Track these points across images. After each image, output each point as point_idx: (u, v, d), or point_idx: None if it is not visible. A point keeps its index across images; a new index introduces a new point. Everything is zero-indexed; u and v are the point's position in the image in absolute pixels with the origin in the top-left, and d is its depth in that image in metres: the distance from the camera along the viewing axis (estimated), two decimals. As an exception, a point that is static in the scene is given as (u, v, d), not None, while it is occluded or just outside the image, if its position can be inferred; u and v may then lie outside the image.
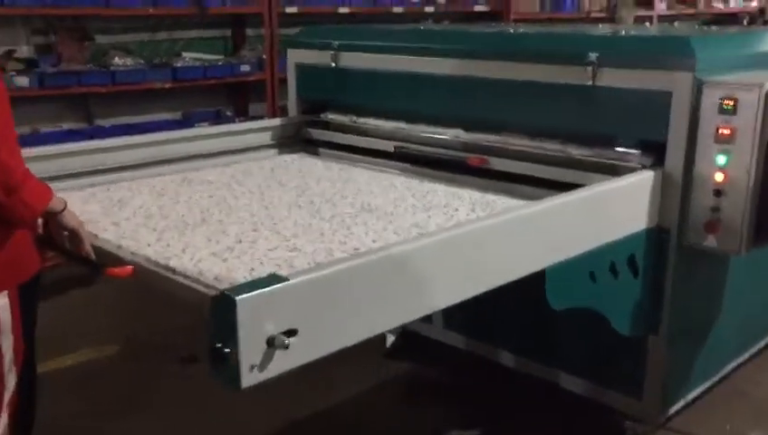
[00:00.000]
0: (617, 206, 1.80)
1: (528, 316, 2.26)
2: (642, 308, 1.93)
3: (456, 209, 1.95)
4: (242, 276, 1.44)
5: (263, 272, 1.46)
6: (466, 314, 2.47)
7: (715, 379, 2.27)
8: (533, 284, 1.63)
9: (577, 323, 2.04)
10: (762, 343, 2.50)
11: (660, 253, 1.93)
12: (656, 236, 1.92)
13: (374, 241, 1.68)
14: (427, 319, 2.57)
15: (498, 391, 2.39)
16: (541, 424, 2.22)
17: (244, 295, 1.07)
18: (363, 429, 2.26)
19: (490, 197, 2.08)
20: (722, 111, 1.79)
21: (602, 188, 1.76)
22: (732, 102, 1.77)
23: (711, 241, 1.86)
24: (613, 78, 1.94)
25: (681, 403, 2.14)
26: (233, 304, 1.06)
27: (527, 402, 2.32)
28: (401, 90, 2.50)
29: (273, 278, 1.13)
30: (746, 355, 2.42)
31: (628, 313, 1.90)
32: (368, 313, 1.25)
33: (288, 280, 1.13)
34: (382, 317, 1.28)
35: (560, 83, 2.05)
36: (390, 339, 2.19)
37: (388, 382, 2.50)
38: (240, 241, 1.68)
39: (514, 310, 2.26)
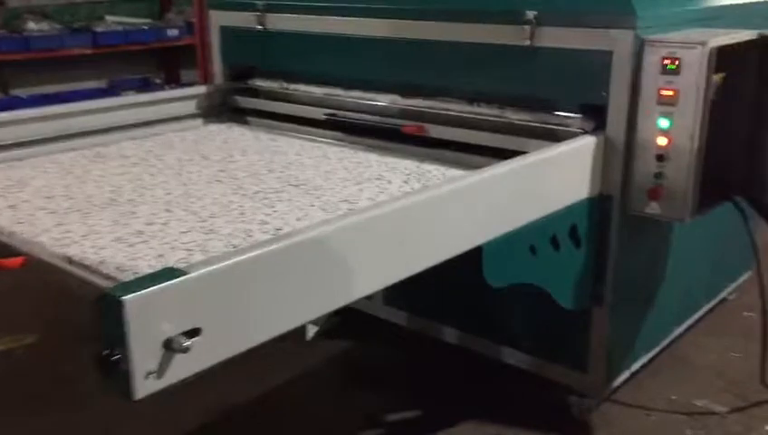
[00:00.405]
0: (558, 174, 1.70)
1: (470, 291, 2.17)
2: (585, 280, 1.85)
3: (390, 182, 1.83)
4: (147, 265, 1.30)
5: (171, 259, 1.33)
6: (407, 290, 2.36)
7: (660, 347, 2.23)
8: (475, 257, 1.53)
9: (520, 297, 1.95)
10: (703, 310, 2.47)
11: (603, 222, 1.84)
12: (598, 205, 1.83)
13: (298, 219, 1.56)
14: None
15: (440, 370, 2.31)
16: (483, 402, 2.15)
17: (133, 295, 0.93)
18: (293, 416, 2.15)
19: (426, 167, 1.96)
20: (664, 71, 1.69)
21: (542, 156, 1.66)
22: (674, 62, 1.68)
23: (654, 208, 1.78)
24: (552, 38, 1.83)
25: (626, 374, 2.08)
26: (119, 304, 0.92)
27: (470, 380, 2.24)
28: (333, 53, 2.35)
29: (169, 273, 0.99)
30: (689, 322, 2.38)
31: (571, 286, 1.82)
32: (283, 304, 1.12)
33: (186, 274, 0.99)
34: (300, 308, 1.16)
35: (497, 44, 1.93)
36: (313, 330, 2.04)
37: (322, 364, 2.39)
38: (151, 223, 1.53)
39: (456, 284, 2.16)
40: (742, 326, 2.51)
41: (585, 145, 1.77)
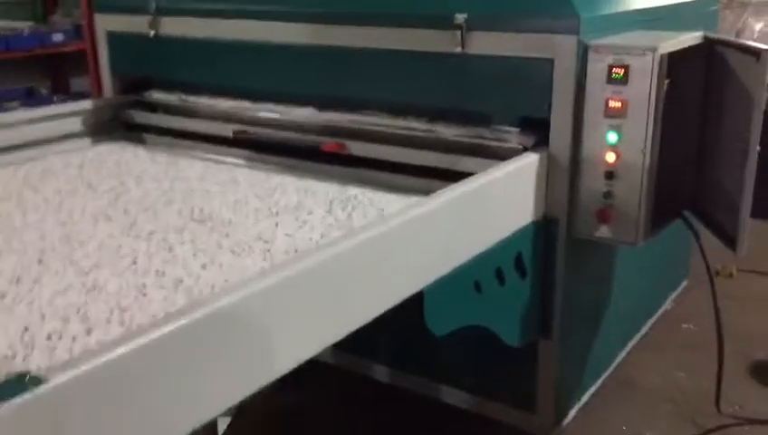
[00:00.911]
0: (503, 198, 1.51)
1: (402, 323, 1.95)
2: (531, 313, 1.67)
3: (310, 212, 1.59)
4: (6, 346, 1.02)
5: (39, 332, 1.05)
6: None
7: (607, 373, 2.08)
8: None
9: (458, 332, 1.75)
10: (643, 330, 2.34)
11: (549, 248, 1.67)
12: (543, 229, 1.65)
13: (203, 266, 1.30)
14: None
15: (370, 412, 2.08)
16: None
17: (-38, 425, 0.67)
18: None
19: (350, 190, 1.73)
20: (611, 80, 1.53)
21: (486, 179, 1.46)
22: (622, 70, 1.51)
23: (604, 231, 1.62)
24: (485, 43, 1.64)
25: (575, 408, 1.92)
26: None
27: (404, 422, 2.03)
28: (240, 62, 2.10)
29: (21, 383, 0.73)
30: (633, 342, 2.25)
31: (518, 321, 1.64)
32: (183, 402, 0.87)
33: (43, 382, 0.73)
34: (205, 404, 0.91)
35: (425, 52, 1.72)
36: (224, 422, 1.69)
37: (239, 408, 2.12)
38: (18, 281, 1.24)
39: (387, 318, 1.95)
40: (682, 340, 2.41)
41: (529, 164, 1.58)
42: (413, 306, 1.32)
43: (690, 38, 1.64)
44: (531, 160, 1.58)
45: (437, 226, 1.32)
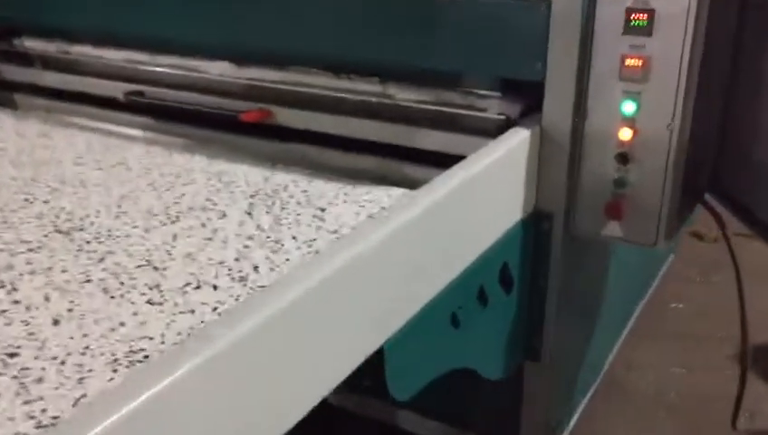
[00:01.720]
0: (486, 195, 1.11)
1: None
2: (518, 334, 1.30)
3: (224, 214, 1.16)
4: None
5: None
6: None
7: (598, 380, 1.74)
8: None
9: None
10: (633, 319, 2.01)
11: (540, 250, 1.28)
12: (534, 228, 1.26)
13: (56, 322, 0.87)
14: None
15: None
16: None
17: None
18: None
19: (278, 178, 1.31)
20: (630, 29, 1.12)
21: (474, 170, 1.05)
22: (645, 16, 1.11)
23: (614, 230, 1.23)
24: (456, -21, 1.21)
25: (566, 432, 1.58)
26: None
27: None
28: (134, 2, 1.61)
29: None
30: (623, 337, 1.91)
31: (502, 348, 1.26)
32: None
33: None
34: None
35: (373, -11, 1.28)
36: None
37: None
38: None
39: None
40: (673, 325, 2.09)
41: (519, 143, 1.17)
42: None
43: (723, -30, 1.24)
44: (521, 138, 1.18)
45: (405, 250, 0.91)
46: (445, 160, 1.32)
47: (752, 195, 1.29)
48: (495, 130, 1.28)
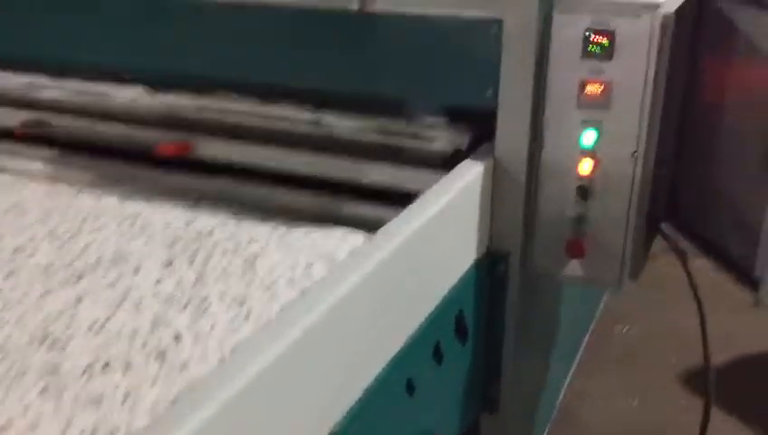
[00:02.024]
0: (441, 239, 0.98)
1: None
2: (474, 386, 1.18)
3: (136, 270, 1.01)
4: None
5: None
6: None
7: (552, 418, 1.65)
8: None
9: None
10: (581, 346, 1.92)
11: (497, 293, 1.17)
12: (488, 269, 1.15)
13: None
14: None
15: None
16: None
17: None
18: None
19: (201, 222, 1.16)
20: (589, 53, 1.02)
21: (421, 219, 0.92)
22: (605, 39, 1.01)
23: (575, 269, 1.13)
24: (396, -3, 1.09)
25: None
26: None
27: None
28: (32, 17, 1.43)
29: None
30: (572, 369, 1.83)
31: (459, 404, 1.14)
32: None
33: None
34: None
35: (305, 9, 1.14)
36: None
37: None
38: None
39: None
40: (621, 350, 2.03)
41: (473, 177, 1.06)
42: None
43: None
44: (475, 173, 1.06)
45: (359, 315, 0.78)
46: (388, 195, 1.20)
47: (713, 225, 1.21)
48: (443, 161, 1.17)
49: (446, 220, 0.98)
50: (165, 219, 1.16)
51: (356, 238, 1.10)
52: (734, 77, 1.15)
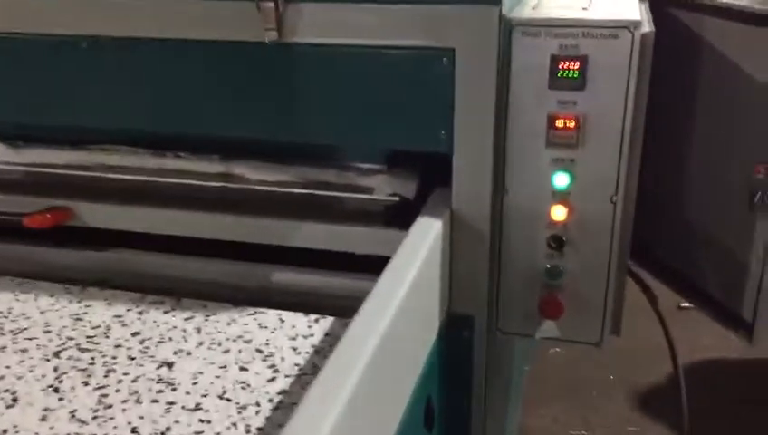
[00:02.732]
0: (407, 320, 0.79)
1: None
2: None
3: (14, 399, 0.76)
4: None
5: None
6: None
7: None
8: None
9: None
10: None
11: (461, 363, 1.00)
12: (451, 339, 0.97)
13: None
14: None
15: None
16: None
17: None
18: None
19: (94, 314, 0.91)
20: (557, 82, 0.87)
21: (395, 302, 0.73)
22: (576, 65, 0.86)
23: (550, 330, 0.98)
24: (321, 24, 0.88)
25: None
26: None
27: None
28: None
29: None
30: (519, 413, 1.69)
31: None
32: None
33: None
34: None
35: (207, 41, 0.92)
36: None
37: None
38: None
39: None
40: (559, 376, 1.92)
41: (434, 236, 0.87)
42: None
43: (630, -2, 1.03)
44: (435, 230, 0.88)
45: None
46: (323, 260, 1.01)
47: (687, 262, 1.10)
48: (387, 216, 0.98)
49: (416, 296, 0.80)
50: (44, 318, 0.91)
51: (293, 322, 0.90)
52: (703, 96, 1.04)
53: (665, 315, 1.18)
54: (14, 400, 0.76)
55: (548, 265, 0.94)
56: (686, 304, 2.06)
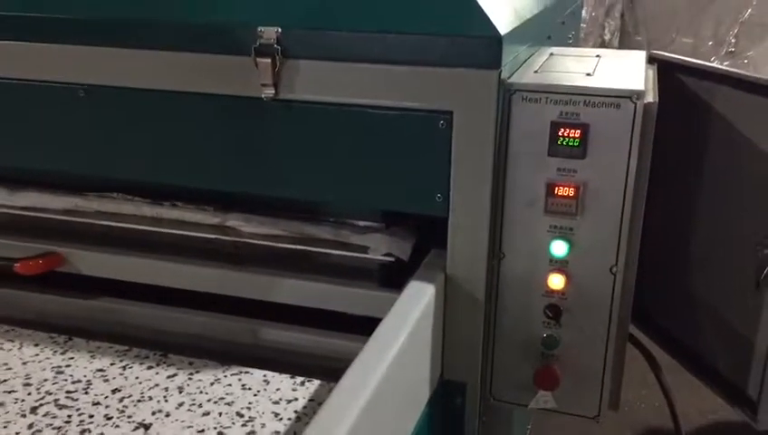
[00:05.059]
0: (397, 383, 0.77)
1: None
2: None
3: (-21, 465, 0.73)
4: None
5: None
6: None
7: None
8: None
9: None
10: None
11: (453, 429, 0.96)
12: (443, 407, 0.94)
13: None
14: None
15: None
16: None
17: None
18: None
19: (75, 369, 0.89)
20: (557, 149, 0.85)
21: (383, 366, 0.71)
22: (577, 133, 0.84)
23: (546, 401, 0.94)
24: (319, 82, 0.87)
25: None
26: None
27: None
28: None
29: None
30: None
31: None
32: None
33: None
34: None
35: (205, 94, 0.91)
36: None
37: None
38: None
39: None
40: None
41: (426, 299, 0.85)
42: None
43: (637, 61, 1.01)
44: (428, 295, 0.85)
45: None
46: (313, 317, 0.98)
47: (690, 332, 1.06)
48: (381, 275, 0.96)
49: (405, 362, 0.77)
50: (26, 370, 0.89)
51: (277, 384, 0.87)
52: (710, 165, 1.01)
53: (675, 376, 1.14)
54: (-16, 459, 0.74)
55: (544, 335, 0.91)
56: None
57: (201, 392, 0.85)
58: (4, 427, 0.79)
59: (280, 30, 0.86)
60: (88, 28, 0.92)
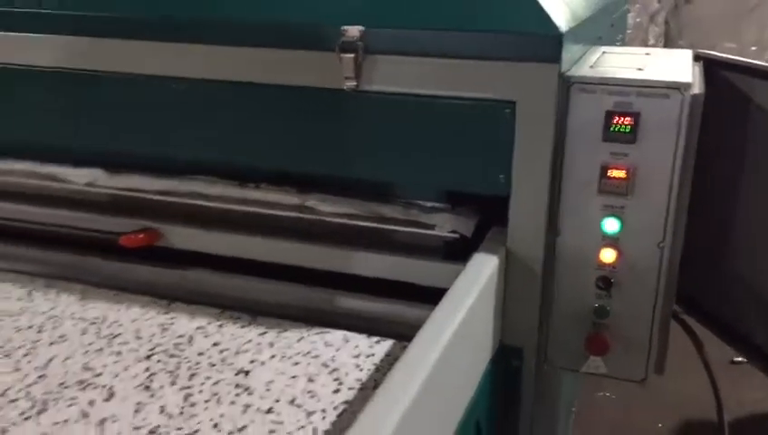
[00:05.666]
0: (464, 345, 0.87)
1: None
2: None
3: (111, 394, 0.86)
4: None
5: None
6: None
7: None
8: None
9: None
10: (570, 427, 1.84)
11: (510, 392, 1.06)
12: (502, 369, 1.04)
13: None
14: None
15: None
16: None
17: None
18: None
19: (179, 325, 1.02)
20: (611, 136, 0.94)
21: (453, 326, 0.82)
22: (630, 120, 0.93)
23: (596, 365, 1.04)
24: (395, 75, 0.98)
25: None
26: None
27: None
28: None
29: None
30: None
31: None
32: None
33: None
34: None
35: (291, 86, 1.03)
36: None
37: None
38: None
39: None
40: (606, 421, 1.94)
41: (490, 271, 0.95)
42: None
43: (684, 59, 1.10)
44: (491, 266, 0.96)
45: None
46: (385, 287, 1.09)
47: (733, 313, 1.15)
48: (446, 251, 1.07)
49: (470, 326, 0.88)
50: (135, 326, 1.02)
51: (356, 342, 0.98)
52: (753, 155, 1.10)
53: (716, 369, 1.22)
54: (111, 394, 0.86)
55: (596, 305, 1.01)
56: (739, 359, 2.08)
57: (289, 347, 0.97)
58: (125, 369, 0.91)
59: (363, 29, 0.97)
60: (193, 28, 1.05)
